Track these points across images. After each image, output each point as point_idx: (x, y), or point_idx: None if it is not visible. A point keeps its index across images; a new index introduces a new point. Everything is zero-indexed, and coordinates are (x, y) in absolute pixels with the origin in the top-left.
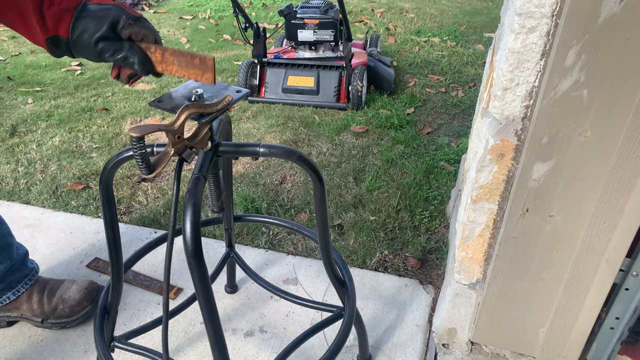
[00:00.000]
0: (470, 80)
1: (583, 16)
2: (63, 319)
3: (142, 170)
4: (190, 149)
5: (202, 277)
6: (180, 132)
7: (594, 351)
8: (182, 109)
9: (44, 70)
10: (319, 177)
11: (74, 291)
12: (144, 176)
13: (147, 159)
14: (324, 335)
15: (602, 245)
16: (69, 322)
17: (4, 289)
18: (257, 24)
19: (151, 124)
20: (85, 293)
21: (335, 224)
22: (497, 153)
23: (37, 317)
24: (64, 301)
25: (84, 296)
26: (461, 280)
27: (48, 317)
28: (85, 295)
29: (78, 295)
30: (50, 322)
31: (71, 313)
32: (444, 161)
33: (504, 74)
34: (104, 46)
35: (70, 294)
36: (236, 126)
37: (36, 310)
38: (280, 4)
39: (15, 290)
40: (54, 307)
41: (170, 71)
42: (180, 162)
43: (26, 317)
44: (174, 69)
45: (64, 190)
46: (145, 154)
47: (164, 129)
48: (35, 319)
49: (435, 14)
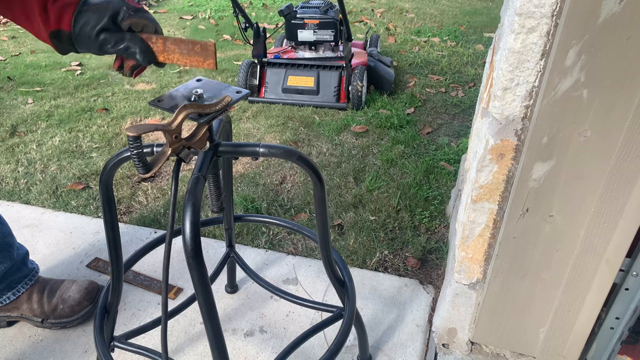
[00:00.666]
0: (470, 80)
1: (583, 16)
2: (63, 318)
3: (138, 169)
4: (189, 149)
5: (201, 277)
6: (177, 132)
7: (594, 351)
8: (180, 108)
9: (44, 70)
10: (319, 177)
11: (74, 291)
12: (140, 175)
13: (144, 158)
14: (324, 335)
15: (602, 245)
16: (69, 322)
17: (4, 289)
18: (257, 24)
19: (148, 124)
20: (85, 293)
21: (335, 224)
22: (497, 153)
23: (37, 317)
24: (64, 301)
25: (84, 296)
26: (461, 280)
27: (48, 317)
28: (85, 295)
29: (78, 295)
30: (50, 322)
31: (71, 313)
32: (444, 161)
33: (504, 74)
34: (105, 37)
35: (70, 294)
36: (236, 126)
37: (36, 310)
38: (280, 4)
39: (15, 291)
40: (54, 307)
41: (172, 60)
42: (179, 162)
43: (26, 317)
44: (175, 57)
45: (64, 190)
46: (142, 153)
47: (161, 128)
48: (35, 319)
49: (435, 14)
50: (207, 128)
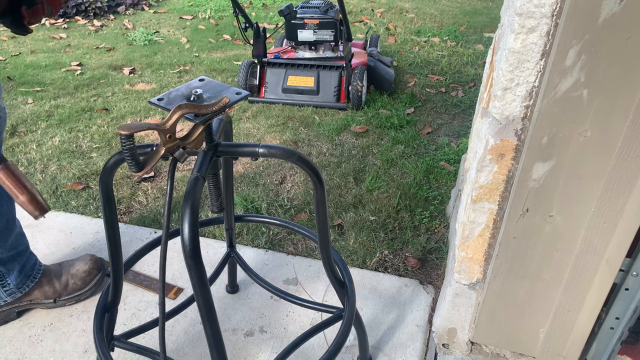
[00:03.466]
0: (470, 80)
1: (583, 16)
2: (76, 292)
3: (131, 168)
4: (184, 149)
5: (200, 277)
6: (171, 132)
7: (594, 351)
8: (175, 108)
9: (44, 70)
10: (319, 177)
11: (80, 265)
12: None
13: (137, 156)
14: (324, 336)
15: (602, 245)
16: (83, 293)
17: (24, 278)
18: (257, 24)
19: (141, 123)
20: (91, 263)
21: (335, 224)
22: (497, 153)
23: (48, 299)
24: (74, 275)
25: (92, 265)
26: (461, 280)
27: (60, 295)
28: (93, 265)
29: (86, 266)
30: (63, 299)
31: (83, 284)
32: (444, 161)
33: (504, 74)
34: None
35: (77, 268)
36: (236, 126)
37: (48, 292)
38: (280, 4)
39: (32, 277)
40: (65, 283)
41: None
42: (174, 162)
43: (36, 301)
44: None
45: (64, 190)
46: (135, 151)
47: (155, 127)
48: (47, 301)
49: (435, 14)
50: (202, 129)
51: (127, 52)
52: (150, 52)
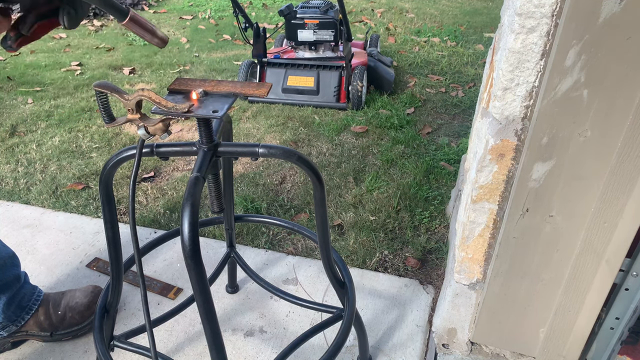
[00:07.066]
0: (470, 80)
1: (583, 16)
2: (74, 327)
3: (104, 119)
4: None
5: (199, 277)
6: (131, 107)
7: (594, 351)
8: (139, 90)
9: (43, 70)
10: (319, 177)
11: (80, 297)
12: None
13: (109, 110)
14: (324, 336)
15: (602, 245)
16: (80, 328)
17: (17, 309)
18: (257, 24)
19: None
20: (92, 296)
21: (335, 224)
22: (497, 153)
23: (44, 331)
24: (72, 308)
25: (91, 299)
26: (461, 280)
27: (57, 329)
28: (93, 299)
29: (85, 299)
30: (60, 333)
31: (81, 319)
32: (444, 161)
33: (504, 74)
34: None
35: (77, 300)
36: (236, 126)
37: (44, 324)
38: (280, 4)
39: (27, 309)
40: (62, 316)
41: None
42: (141, 141)
43: (32, 333)
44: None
45: (64, 190)
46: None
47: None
48: (43, 334)
49: (435, 14)
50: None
51: (127, 52)
52: (150, 52)
